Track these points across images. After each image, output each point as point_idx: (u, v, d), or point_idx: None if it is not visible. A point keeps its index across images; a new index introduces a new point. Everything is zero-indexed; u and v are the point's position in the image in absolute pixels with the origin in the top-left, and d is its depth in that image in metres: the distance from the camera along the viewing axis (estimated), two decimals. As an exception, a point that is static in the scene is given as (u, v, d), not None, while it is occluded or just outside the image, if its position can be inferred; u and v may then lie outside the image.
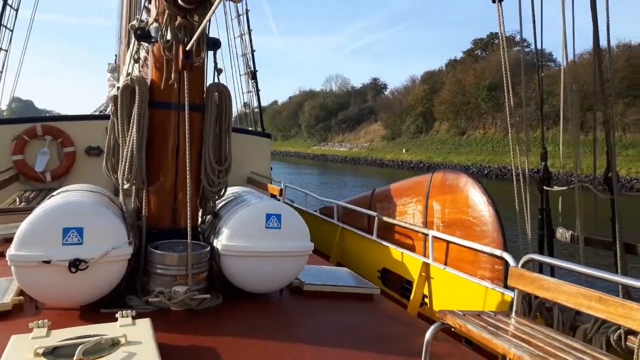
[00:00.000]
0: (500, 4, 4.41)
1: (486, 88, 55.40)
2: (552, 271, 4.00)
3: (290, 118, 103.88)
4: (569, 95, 4.27)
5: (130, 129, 4.51)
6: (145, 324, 3.41)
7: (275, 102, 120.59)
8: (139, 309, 3.88)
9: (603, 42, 3.93)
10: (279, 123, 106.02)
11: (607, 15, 3.79)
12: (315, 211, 8.91)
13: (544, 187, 4.36)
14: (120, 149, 4.60)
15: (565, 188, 4.16)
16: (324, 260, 6.72)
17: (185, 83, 4.35)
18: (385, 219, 6.62)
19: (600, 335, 3.38)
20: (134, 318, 3.44)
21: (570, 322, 3.61)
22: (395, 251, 6.11)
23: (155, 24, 4.69)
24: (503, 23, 4.45)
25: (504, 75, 4.40)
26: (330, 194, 26.28)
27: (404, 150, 66.01)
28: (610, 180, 3.82)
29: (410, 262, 5.80)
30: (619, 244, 3.69)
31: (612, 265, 3.80)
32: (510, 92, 4.48)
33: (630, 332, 3.20)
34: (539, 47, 4.45)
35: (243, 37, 10.35)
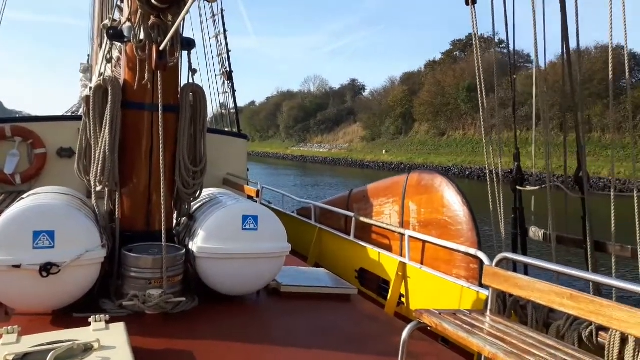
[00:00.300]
0: (474, 6, 4.46)
1: (466, 89, 55.92)
2: (526, 269, 4.07)
3: (268, 119, 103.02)
4: (540, 97, 4.34)
5: (103, 130, 4.43)
6: (119, 328, 3.35)
7: (253, 102, 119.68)
8: (112, 313, 3.81)
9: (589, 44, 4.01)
10: (256, 124, 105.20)
11: (577, 20, 3.87)
12: (293, 212, 8.89)
13: (517, 187, 4.43)
14: (93, 151, 4.52)
15: (537, 188, 4.24)
16: (302, 262, 6.71)
17: (159, 83, 4.29)
18: (362, 219, 6.65)
19: (572, 331, 3.44)
20: (107, 322, 3.39)
21: (543, 319, 3.67)
22: (373, 251, 6.14)
23: (128, 24, 4.62)
24: (477, 25, 4.51)
25: (478, 78, 4.46)
26: (310, 195, 26.25)
27: (383, 151, 66.03)
28: (581, 180, 3.90)
29: (387, 262, 5.84)
30: (589, 242, 3.78)
31: (583, 263, 3.89)
32: (484, 94, 4.54)
33: (601, 328, 3.27)
34: (515, 49, 4.52)
35: (218, 37, 10.28)
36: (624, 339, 3.08)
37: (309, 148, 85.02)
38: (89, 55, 17.21)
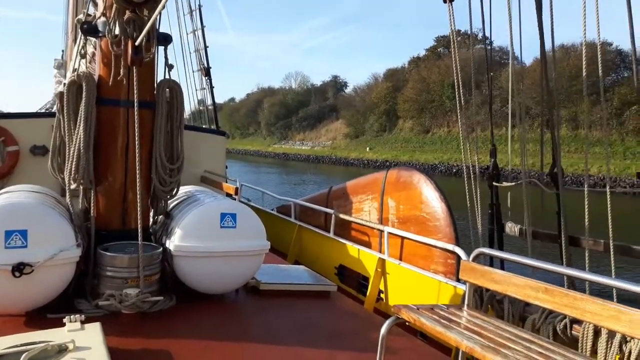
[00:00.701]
0: (451, 4, 4.50)
1: (451, 86, 55.86)
2: (502, 264, 4.12)
3: (248, 115, 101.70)
4: (515, 95, 4.40)
5: (77, 126, 4.35)
6: (95, 328, 3.30)
7: (232, 99, 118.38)
8: (88, 313, 3.75)
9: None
10: (236, 121, 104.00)
11: (552, 20, 3.92)
12: (273, 210, 8.87)
13: (494, 184, 4.49)
14: (67, 148, 4.44)
15: (513, 184, 4.30)
16: (282, 259, 6.70)
17: (135, 79, 4.23)
18: (342, 216, 6.66)
19: (547, 325, 3.50)
20: (82, 323, 3.33)
21: (519, 313, 3.73)
22: (352, 248, 6.16)
23: (102, 18, 4.55)
24: (454, 23, 4.55)
25: (455, 75, 4.50)
26: (293, 193, 26.16)
27: (367, 148, 65.74)
28: (556, 176, 3.96)
29: (367, 259, 5.86)
30: (564, 237, 3.84)
31: (558, 257, 3.95)
32: (461, 91, 4.58)
33: (575, 321, 3.34)
34: (498, 46, 4.56)
35: (196, 33, 10.17)
36: (597, 332, 3.15)
37: (290, 145, 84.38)
38: (63, 51, 16.89)
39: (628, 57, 43.72)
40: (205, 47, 10.17)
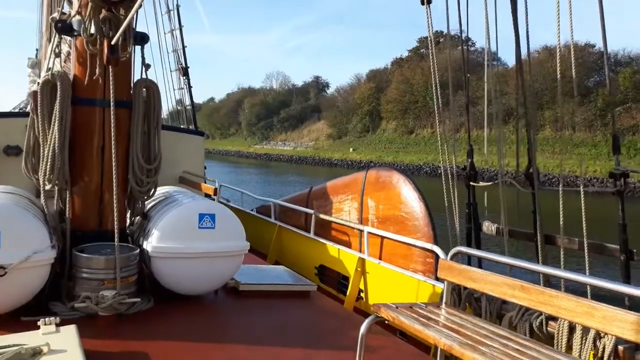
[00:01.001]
0: (429, 6, 4.54)
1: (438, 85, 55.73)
2: (480, 263, 4.17)
3: (229, 116, 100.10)
4: (493, 97, 4.46)
5: (52, 126, 4.28)
6: (70, 331, 3.25)
7: (212, 99, 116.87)
8: (63, 316, 3.69)
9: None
10: (217, 121, 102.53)
11: (527, 22, 3.98)
12: (252, 210, 8.83)
13: (471, 183, 4.54)
14: (41, 148, 4.36)
15: (490, 184, 4.35)
16: (261, 260, 6.68)
17: (111, 78, 4.17)
18: (322, 216, 6.67)
19: (524, 322, 3.56)
20: (58, 325, 3.29)
21: (497, 310, 3.78)
22: (332, 248, 6.17)
23: (77, 17, 4.48)
24: (432, 25, 4.59)
25: (432, 76, 4.54)
26: (276, 194, 25.95)
27: (351, 149, 65.33)
28: (532, 175, 4.03)
29: (347, 258, 5.88)
30: (539, 235, 3.91)
31: (534, 255, 4.01)
32: (439, 92, 4.63)
33: (550, 317, 3.39)
34: (478, 47, 4.62)
35: (174, 32, 10.08)
36: (572, 328, 3.21)
37: (272, 146, 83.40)
38: (37, 50, 16.55)
39: (610, 59, 44.67)
40: (184, 47, 10.09)
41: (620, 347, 2.97)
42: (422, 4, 4.56)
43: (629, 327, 2.41)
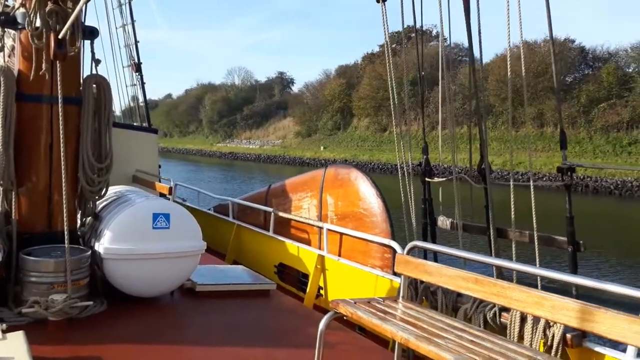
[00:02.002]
0: (384, 4, 4.58)
1: (410, 82, 53.57)
2: (435, 257, 4.25)
3: (188, 113, 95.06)
4: (447, 95, 4.54)
5: None
6: (18, 337, 3.13)
7: (169, 95, 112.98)
8: (10, 322, 3.57)
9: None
10: (175, 118, 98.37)
11: (479, 23, 4.06)
12: (210, 209, 8.70)
13: (426, 179, 4.62)
14: None
15: (444, 179, 4.44)
16: (220, 260, 6.60)
17: (59, 74, 4.03)
18: (281, 214, 6.64)
19: (478, 314, 3.65)
20: (4, 332, 3.17)
21: (452, 303, 3.86)
22: (292, 246, 6.16)
23: (22, 9, 4.31)
24: (387, 23, 4.64)
25: (388, 74, 4.59)
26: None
27: (321, 147, 62.93)
28: (484, 171, 4.13)
29: (306, 256, 5.88)
30: (492, 229, 4.01)
31: (487, 248, 4.12)
32: (395, 94, 4.69)
33: (503, 309, 3.49)
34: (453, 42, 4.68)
35: (126, 27, 9.81)
36: (523, 318, 3.31)
37: (237, 144, 79.71)
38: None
39: (589, 55, 43.85)
40: (136, 42, 9.83)
41: (569, 335, 3.08)
42: (378, 2, 4.59)
43: (576, 315, 2.51)
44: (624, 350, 2.83)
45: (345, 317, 3.51)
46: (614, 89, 40.54)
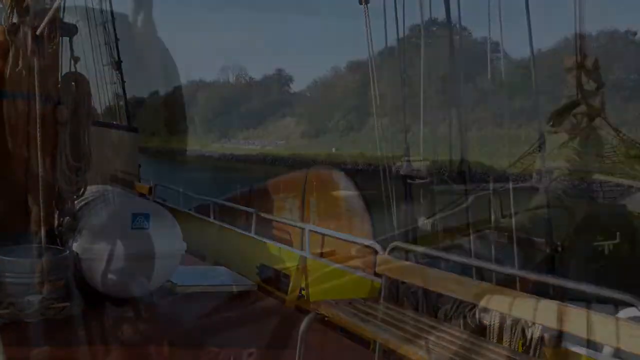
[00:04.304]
0: (367, 6, 4.61)
1: (441, 79, 51.26)
2: (416, 258, 4.27)
3: (179, 111, 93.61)
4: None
5: None
6: None
7: (156, 92, 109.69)
8: None
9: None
10: (164, 117, 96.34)
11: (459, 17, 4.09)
12: (191, 210, 8.63)
13: (408, 181, 4.64)
14: None
15: (426, 181, 4.46)
16: (201, 260, 6.54)
17: (36, 71, 3.96)
18: (263, 215, 6.61)
19: (458, 314, 3.66)
20: (-23, 334, 3.08)
21: (433, 304, 3.87)
22: (274, 247, 6.14)
23: None
24: (369, 24, 4.67)
25: (370, 73, 4.61)
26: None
27: (333, 149, 57.68)
28: (464, 173, 4.17)
29: (288, 257, 5.86)
30: (472, 230, 4.04)
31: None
32: (377, 91, 4.71)
33: (483, 309, 3.51)
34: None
35: (106, 25, 9.68)
36: (502, 319, 3.34)
37: (234, 144, 75.82)
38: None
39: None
40: (116, 39, 9.71)
41: (546, 335, 3.12)
42: (360, 3, 4.62)
43: (553, 315, 2.54)
44: (600, 350, 2.88)
45: (326, 318, 3.50)
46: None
